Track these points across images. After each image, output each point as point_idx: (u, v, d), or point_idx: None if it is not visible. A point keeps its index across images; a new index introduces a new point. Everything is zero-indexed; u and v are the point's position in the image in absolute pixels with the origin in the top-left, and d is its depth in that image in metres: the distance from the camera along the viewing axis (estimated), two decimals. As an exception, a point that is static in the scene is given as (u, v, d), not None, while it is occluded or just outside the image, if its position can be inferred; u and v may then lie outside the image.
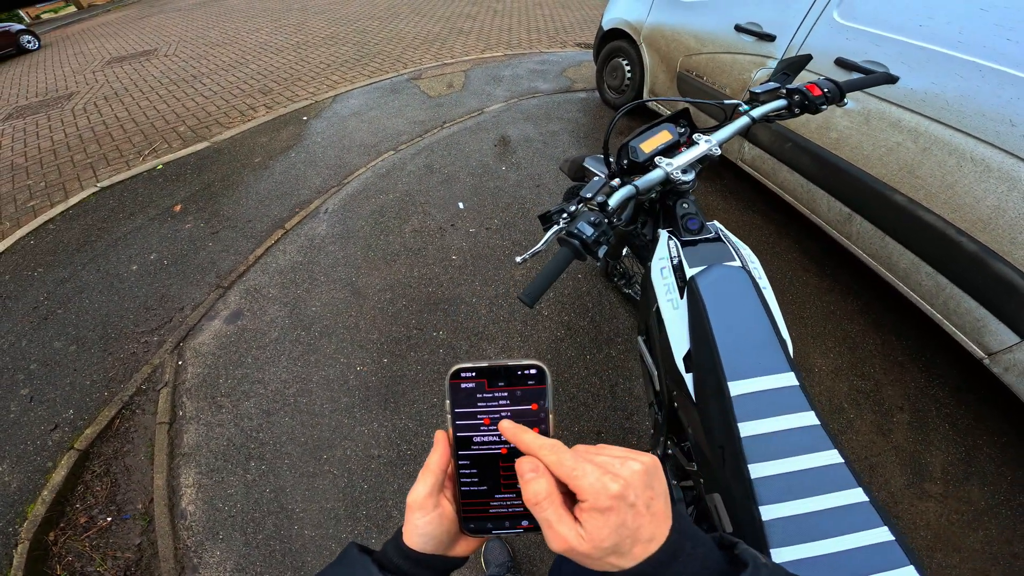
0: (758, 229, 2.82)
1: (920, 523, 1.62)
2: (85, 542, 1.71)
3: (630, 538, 0.32)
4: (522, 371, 0.38)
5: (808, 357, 2.12)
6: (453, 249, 2.78)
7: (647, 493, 0.33)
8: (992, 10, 1.52)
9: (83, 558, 1.68)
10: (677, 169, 0.96)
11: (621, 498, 0.32)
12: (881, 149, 1.89)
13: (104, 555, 1.68)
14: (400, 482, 1.78)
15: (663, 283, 0.98)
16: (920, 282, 1.87)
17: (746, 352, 0.80)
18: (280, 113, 4.77)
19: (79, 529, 1.75)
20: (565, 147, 3.78)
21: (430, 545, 0.39)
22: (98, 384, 2.22)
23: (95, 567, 1.65)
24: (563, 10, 9.22)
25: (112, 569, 1.64)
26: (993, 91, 1.51)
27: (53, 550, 1.70)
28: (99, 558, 1.67)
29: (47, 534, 1.73)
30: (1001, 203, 1.53)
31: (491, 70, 5.55)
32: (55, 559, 1.68)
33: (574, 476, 0.33)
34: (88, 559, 1.67)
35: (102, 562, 1.66)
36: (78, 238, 3.22)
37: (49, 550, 1.70)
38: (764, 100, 1.14)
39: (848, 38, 1.97)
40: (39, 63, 8.98)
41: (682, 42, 3.07)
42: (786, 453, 0.71)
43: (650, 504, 0.33)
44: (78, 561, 1.67)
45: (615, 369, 2.10)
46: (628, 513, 0.32)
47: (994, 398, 1.89)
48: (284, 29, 8.45)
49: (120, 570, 1.64)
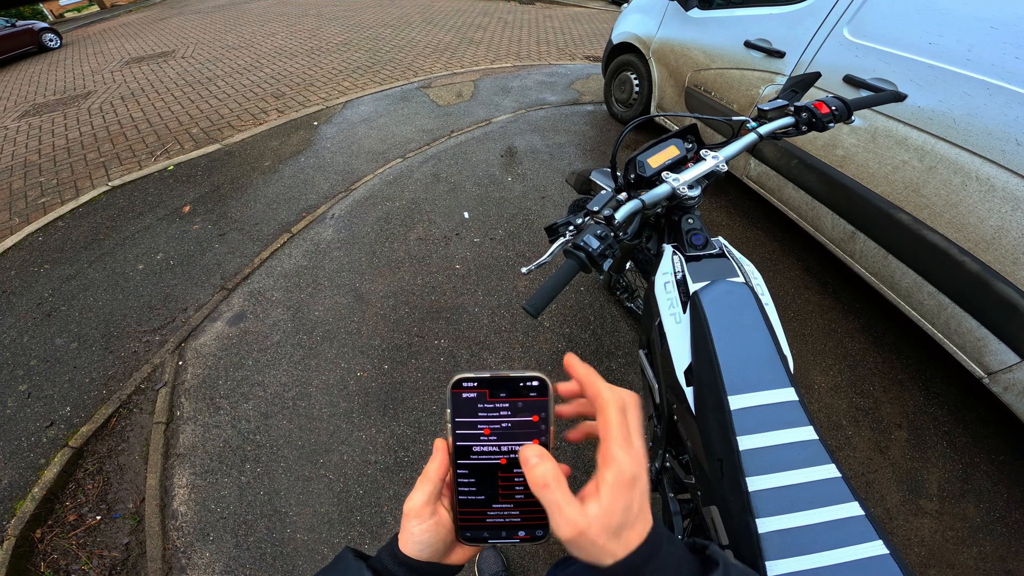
0: (762, 246, 2.82)
1: (915, 539, 1.62)
2: (72, 540, 1.70)
3: (629, 522, 0.33)
4: (524, 382, 0.38)
5: (808, 374, 2.11)
6: (457, 258, 2.79)
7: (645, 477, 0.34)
8: (1002, 28, 1.52)
9: (69, 556, 1.67)
10: (683, 184, 0.97)
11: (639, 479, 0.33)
12: (887, 167, 1.89)
13: (90, 553, 1.66)
14: (396, 488, 1.77)
15: (666, 297, 0.98)
16: (922, 301, 1.87)
17: (747, 367, 0.81)
18: (292, 117, 4.82)
19: (67, 527, 1.74)
20: (571, 159, 3.80)
21: (426, 553, 0.38)
22: (97, 382, 2.23)
23: (80, 565, 1.64)
24: (573, 23, 9.34)
25: (97, 568, 1.63)
26: (1000, 110, 1.52)
27: (39, 547, 1.69)
28: (85, 556, 1.66)
29: (34, 531, 1.72)
30: (1005, 223, 1.53)
31: (500, 81, 5.61)
32: (40, 556, 1.67)
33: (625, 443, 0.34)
34: (74, 557, 1.66)
35: (88, 560, 1.64)
36: (86, 236, 3.25)
37: (35, 547, 1.69)
38: (772, 117, 1.14)
39: (857, 55, 1.98)
40: (59, 61, 9.12)
41: (691, 57, 3.10)
42: (784, 467, 0.72)
43: (645, 491, 0.34)
44: (63, 559, 1.66)
45: (615, 382, 2.05)
46: (637, 497, 0.33)
47: (993, 417, 1.91)
48: (299, 34, 8.57)
49: (105, 569, 1.63)
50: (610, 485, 0.33)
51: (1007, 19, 1.52)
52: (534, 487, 0.34)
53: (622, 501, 0.32)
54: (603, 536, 0.32)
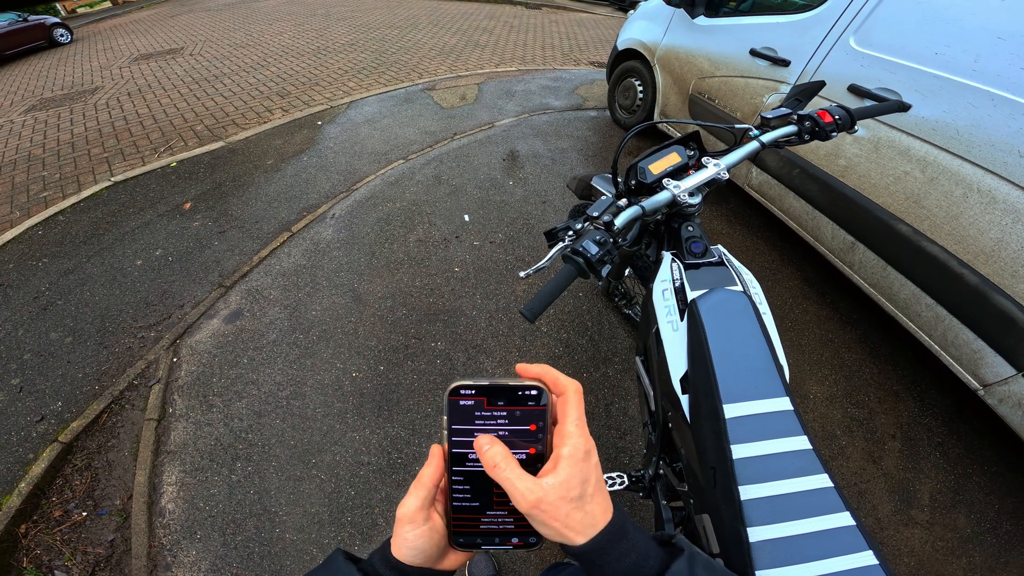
0: (761, 255, 2.81)
1: (905, 549, 1.62)
2: (56, 536, 1.69)
3: (588, 495, 0.36)
4: (523, 391, 0.38)
5: (804, 384, 2.10)
6: (456, 261, 2.78)
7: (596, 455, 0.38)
8: (1010, 39, 1.52)
9: (52, 551, 1.65)
10: (684, 192, 0.96)
11: (591, 453, 0.37)
12: (889, 178, 1.89)
13: (74, 549, 1.65)
14: (388, 490, 1.76)
15: (664, 305, 0.98)
16: (919, 313, 1.87)
17: (743, 376, 0.81)
18: (296, 116, 4.83)
19: (52, 522, 1.73)
20: (573, 165, 3.80)
21: (418, 558, 0.38)
22: (90, 377, 2.22)
23: (63, 561, 1.62)
24: (578, 28, 9.39)
25: (80, 564, 1.62)
26: (1004, 121, 1.51)
27: (22, 542, 1.67)
28: (68, 552, 1.64)
29: (18, 526, 1.70)
30: (1005, 236, 1.53)
31: (504, 84, 5.62)
32: (23, 551, 1.65)
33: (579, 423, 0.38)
34: (57, 552, 1.64)
35: (71, 556, 1.63)
36: (86, 230, 3.25)
37: (18, 542, 1.67)
38: (775, 125, 1.13)
39: (863, 65, 1.97)
40: (69, 57, 9.15)
41: (696, 64, 3.10)
42: (777, 476, 0.72)
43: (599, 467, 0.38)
44: (46, 554, 1.65)
45: (611, 388, 2.07)
46: (593, 471, 0.36)
47: (987, 429, 1.92)
48: (306, 33, 8.61)
49: (89, 565, 1.62)
50: (567, 458, 0.36)
51: (1015, 30, 1.51)
52: (487, 469, 0.37)
53: (579, 473, 0.35)
54: (564, 505, 0.34)
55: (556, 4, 12.24)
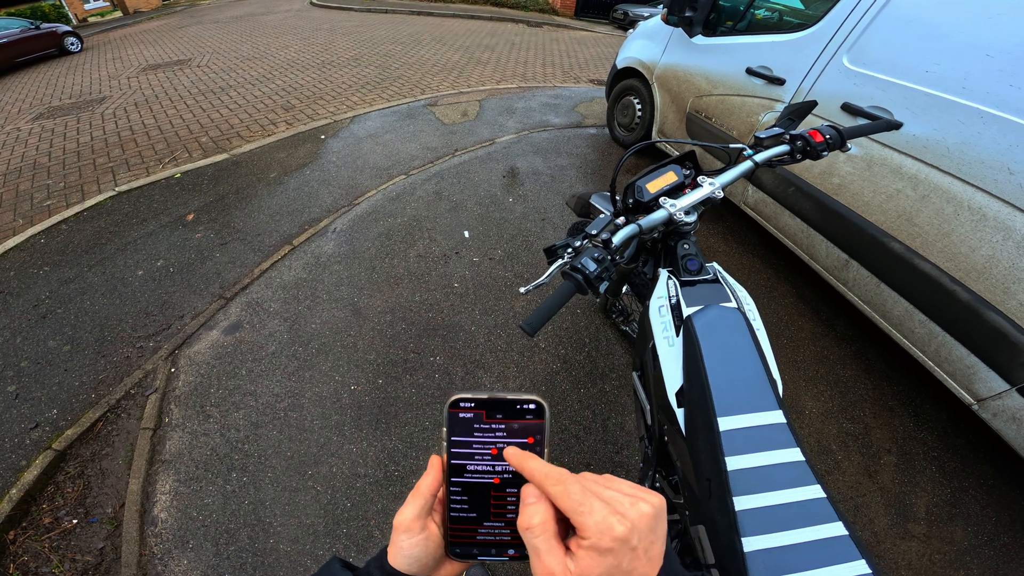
0: (757, 272, 2.84)
1: (901, 562, 1.62)
2: (45, 543, 1.67)
3: None
4: (521, 405, 0.39)
5: (800, 400, 2.11)
6: (456, 276, 2.80)
7: (649, 537, 0.33)
8: (997, 56, 1.54)
9: (40, 558, 1.64)
10: (680, 210, 0.99)
11: (624, 541, 0.31)
12: (881, 196, 1.92)
13: (63, 557, 1.63)
14: (385, 502, 1.75)
15: (660, 321, 1.00)
16: (913, 329, 1.89)
17: (737, 389, 0.83)
18: (300, 130, 4.90)
19: (41, 529, 1.71)
20: (572, 182, 3.85)
21: (414, 567, 0.38)
22: (87, 386, 2.21)
23: (51, 568, 1.60)
24: (579, 46, 9.56)
25: (68, 571, 1.60)
26: (993, 138, 1.54)
27: (10, 549, 1.66)
28: (56, 560, 1.62)
29: (7, 533, 1.69)
30: (996, 253, 1.55)
31: (505, 101, 5.71)
32: (10, 558, 1.64)
33: (580, 512, 0.32)
34: (45, 560, 1.63)
35: (59, 564, 1.61)
36: (88, 240, 3.26)
37: (6, 548, 1.66)
38: (768, 145, 1.17)
39: (856, 83, 2.00)
40: (78, 65, 9.26)
41: (694, 83, 3.16)
42: (771, 487, 0.73)
43: (649, 549, 0.33)
44: (33, 561, 1.63)
45: (608, 404, 2.08)
46: (627, 556, 0.31)
47: (982, 443, 1.94)
48: (312, 48, 8.75)
49: (77, 573, 1.60)
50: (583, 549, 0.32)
51: (1003, 46, 1.53)
52: (519, 527, 0.34)
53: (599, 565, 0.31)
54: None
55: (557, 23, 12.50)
